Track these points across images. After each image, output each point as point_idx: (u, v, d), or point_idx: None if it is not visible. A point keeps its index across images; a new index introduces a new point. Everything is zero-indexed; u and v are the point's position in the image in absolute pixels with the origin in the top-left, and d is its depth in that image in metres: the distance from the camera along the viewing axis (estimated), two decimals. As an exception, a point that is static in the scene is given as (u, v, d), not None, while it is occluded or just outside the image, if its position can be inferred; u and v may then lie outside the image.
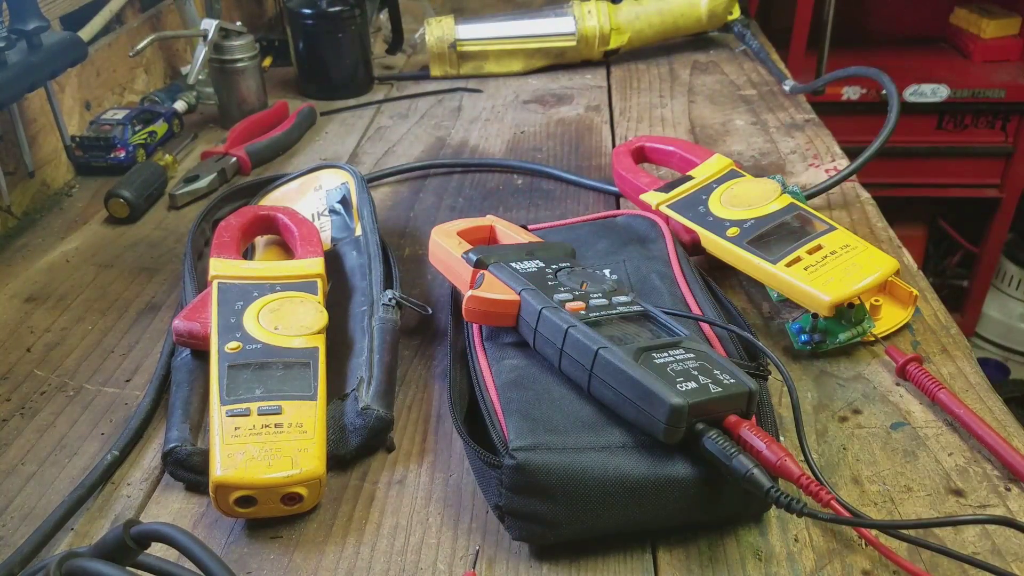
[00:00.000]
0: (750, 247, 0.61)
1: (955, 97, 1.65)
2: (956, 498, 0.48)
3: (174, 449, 0.50)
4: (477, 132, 1.00)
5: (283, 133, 0.96)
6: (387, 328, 0.58)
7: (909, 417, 0.54)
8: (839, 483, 0.49)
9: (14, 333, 0.66)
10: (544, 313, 0.49)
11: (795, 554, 0.45)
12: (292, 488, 0.46)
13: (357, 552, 0.46)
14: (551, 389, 0.48)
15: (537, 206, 0.82)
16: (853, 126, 1.22)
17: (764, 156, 0.90)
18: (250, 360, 0.51)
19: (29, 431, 0.56)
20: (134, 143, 0.91)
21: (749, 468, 0.41)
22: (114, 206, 0.82)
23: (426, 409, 0.56)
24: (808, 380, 0.57)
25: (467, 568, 0.45)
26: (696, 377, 0.44)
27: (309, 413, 0.49)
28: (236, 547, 0.47)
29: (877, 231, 0.74)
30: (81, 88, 0.95)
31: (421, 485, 0.50)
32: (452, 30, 1.15)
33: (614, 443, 0.44)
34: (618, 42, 1.17)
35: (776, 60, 1.16)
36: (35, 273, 0.74)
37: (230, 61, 1.00)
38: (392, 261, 0.66)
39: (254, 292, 0.57)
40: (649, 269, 0.59)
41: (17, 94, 0.77)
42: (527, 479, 0.43)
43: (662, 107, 1.04)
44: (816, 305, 0.57)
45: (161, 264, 0.75)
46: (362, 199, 0.71)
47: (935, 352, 0.59)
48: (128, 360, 0.63)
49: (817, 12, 1.61)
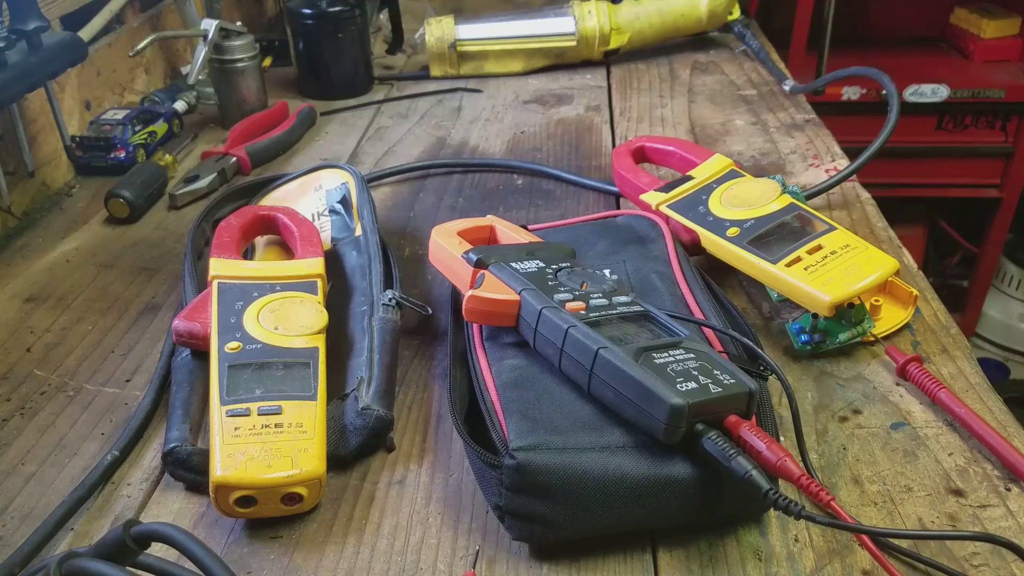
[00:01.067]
0: (750, 247, 0.61)
1: (955, 97, 1.65)
2: (956, 498, 0.48)
3: (174, 449, 0.50)
4: (477, 132, 1.00)
5: (283, 133, 0.96)
6: (387, 328, 0.58)
7: (909, 417, 0.54)
8: (839, 483, 0.49)
9: (14, 333, 0.66)
10: (544, 313, 0.49)
11: (795, 554, 0.45)
12: (292, 488, 0.46)
13: (357, 552, 0.46)
14: (551, 389, 0.48)
15: (537, 206, 0.82)
16: (853, 126, 1.22)
17: (764, 156, 0.90)
18: (250, 360, 0.51)
19: (29, 431, 0.56)
20: (134, 143, 0.91)
21: (748, 469, 0.41)
22: (114, 206, 0.82)
23: (426, 409, 0.56)
24: (808, 380, 0.57)
25: (467, 568, 0.45)
26: (696, 377, 0.44)
27: (309, 413, 0.49)
28: (236, 547, 0.47)
29: (877, 231, 0.74)
30: (81, 88, 0.95)
31: (421, 485, 0.50)
32: (452, 30, 1.15)
33: (614, 443, 0.44)
34: (618, 42, 1.17)
35: (776, 60, 1.16)
36: (35, 273, 0.74)
37: (230, 61, 1.00)
38: (392, 261, 0.66)
39: (254, 292, 0.57)
40: (649, 269, 0.59)
41: (17, 94, 0.77)
42: (527, 479, 0.43)
43: (662, 107, 1.04)
44: (816, 305, 0.57)
45: (161, 264, 0.75)
46: (362, 199, 0.71)
47: (935, 352, 0.59)
48: (128, 360, 0.63)
49: (817, 12, 1.61)
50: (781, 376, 0.50)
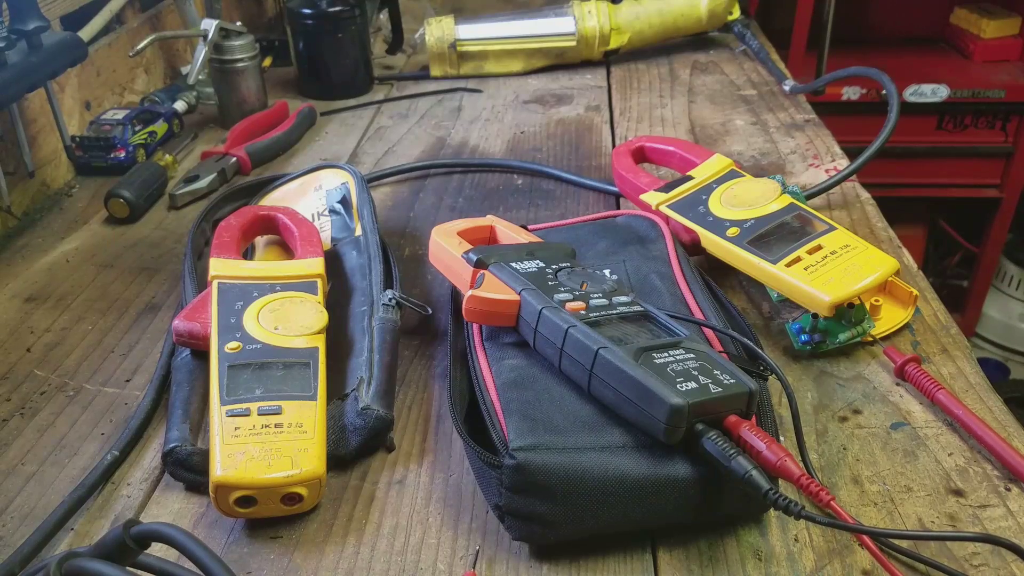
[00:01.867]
0: (750, 247, 0.61)
1: (955, 97, 1.65)
2: (956, 498, 0.48)
3: (174, 449, 0.50)
4: (477, 132, 1.00)
5: (283, 133, 0.96)
6: (387, 328, 0.58)
7: (909, 417, 0.54)
8: (839, 483, 0.49)
9: (14, 333, 0.66)
10: (544, 313, 0.49)
11: (795, 554, 0.45)
12: (292, 488, 0.46)
13: (357, 552, 0.46)
14: (551, 389, 0.48)
15: (537, 206, 0.82)
16: (853, 126, 1.22)
17: (764, 156, 0.90)
18: (250, 360, 0.51)
19: (29, 431, 0.56)
20: (134, 143, 0.91)
21: (748, 470, 0.41)
22: (114, 206, 0.82)
23: (426, 409, 0.56)
24: (808, 380, 0.57)
25: (467, 568, 0.45)
26: (696, 377, 0.44)
27: (309, 413, 0.49)
28: (236, 547, 0.47)
29: (877, 231, 0.74)
30: (81, 88, 0.95)
31: (421, 485, 0.50)
32: (452, 30, 1.15)
33: (614, 443, 0.44)
34: (618, 42, 1.17)
35: (776, 60, 1.16)
36: (35, 273, 0.74)
37: (230, 61, 1.00)
38: (392, 261, 0.66)
39: (254, 292, 0.57)
40: (649, 269, 0.59)
41: (17, 94, 0.77)
42: (527, 479, 0.43)
43: (662, 107, 1.04)
44: (816, 305, 0.57)
45: (161, 264, 0.75)
46: (362, 199, 0.71)
47: (935, 352, 0.59)
48: (128, 360, 0.63)
49: (817, 12, 1.61)
50: (781, 376, 0.50)
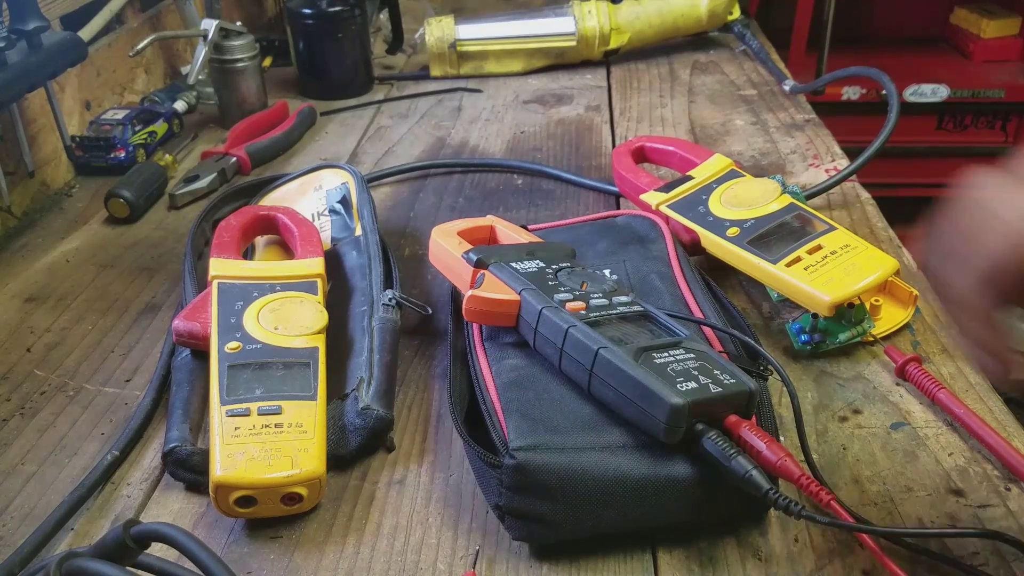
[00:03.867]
0: (750, 247, 0.61)
1: (955, 97, 1.65)
2: (956, 498, 0.48)
3: (174, 449, 0.50)
4: (477, 132, 1.00)
5: (283, 133, 0.96)
6: (387, 328, 0.58)
7: (909, 417, 0.54)
8: (839, 483, 0.49)
9: (14, 333, 0.66)
10: (544, 313, 0.49)
11: (795, 554, 0.45)
12: (292, 488, 0.46)
13: (357, 552, 0.46)
14: (551, 389, 0.48)
15: (537, 206, 0.82)
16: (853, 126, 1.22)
17: (764, 156, 0.90)
18: (250, 360, 0.51)
19: (29, 431, 0.56)
20: (134, 143, 0.91)
21: (747, 469, 0.41)
22: (114, 206, 0.82)
23: (426, 409, 0.56)
24: (808, 380, 0.57)
25: (467, 568, 0.45)
26: (696, 377, 0.44)
27: (309, 413, 0.49)
28: (236, 547, 0.47)
29: (877, 231, 0.74)
30: (81, 88, 0.95)
31: (421, 485, 0.50)
32: (452, 30, 1.15)
33: (614, 443, 0.44)
34: (618, 42, 1.17)
35: (776, 60, 1.16)
36: (35, 273, 0.74)
37: (230, 61, 1.00)
38: (392, 261, 0.66)
39: (254, 292, 0.57)
40: (649, 269, 0.59)
41: (17, 94, 0.77)
42: (527, 479, 0.43)
43: (662, 107, 1.04)
44: (816, 305, 0.57)
45: (161, 264, 0.75)
46: (362, 199, 0.71)
47: (935, 352, 0.59)
48: (128, 360, 0.63)
49: (817, 12, 1.61)
50: (783, 375, 0.50)
